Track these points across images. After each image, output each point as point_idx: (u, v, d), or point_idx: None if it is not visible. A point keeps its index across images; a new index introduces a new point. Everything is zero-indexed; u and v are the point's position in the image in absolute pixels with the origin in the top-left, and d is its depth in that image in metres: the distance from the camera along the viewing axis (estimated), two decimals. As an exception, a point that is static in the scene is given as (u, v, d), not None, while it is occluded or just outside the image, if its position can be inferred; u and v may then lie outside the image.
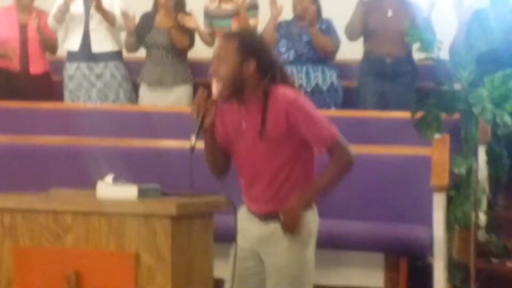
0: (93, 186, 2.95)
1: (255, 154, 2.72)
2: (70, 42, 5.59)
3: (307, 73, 5.37)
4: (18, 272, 2.77)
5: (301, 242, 2.74)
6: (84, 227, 2.73)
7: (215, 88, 2.82)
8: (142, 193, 2.81)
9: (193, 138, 2.73)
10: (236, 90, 2.70)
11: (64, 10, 5.49)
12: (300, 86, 5.19)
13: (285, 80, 2.76)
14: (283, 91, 2.70)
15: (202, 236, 2.83)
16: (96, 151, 4.36)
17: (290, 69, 5.22)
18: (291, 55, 5.36)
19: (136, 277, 2.66)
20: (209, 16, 5.61)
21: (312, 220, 2.77)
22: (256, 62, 2.68)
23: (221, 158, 2.83)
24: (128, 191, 2.81)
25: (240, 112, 2.74)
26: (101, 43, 5.56)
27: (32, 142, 4.69)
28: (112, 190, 2.83)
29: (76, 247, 2.73)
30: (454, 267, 4.25)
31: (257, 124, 2.70)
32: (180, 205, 2.69)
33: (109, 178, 2.90)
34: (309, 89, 5.32)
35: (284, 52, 5.35)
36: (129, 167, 3.63)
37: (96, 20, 5.54)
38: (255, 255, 2.79)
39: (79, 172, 3.97)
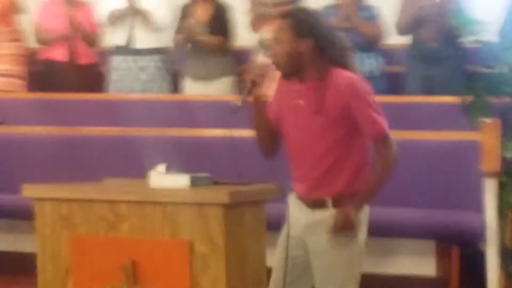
0: (142, 175, 3.04)
1: (308, 131, 2.73)
2: (116, 37, 5.73)
3: (362, 59, 5.34)
4: (75, 261, 2.87)
5: (348, 233, 2.72)
6: (139, 216, 2.82)
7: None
8: (194, 182, 2.90)
9: (237, 102, 2.73)
10: (294, 68, 2.71)
11: (119, 16, 5.63)
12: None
13: (345, 62, 2.76)
14: (345, 73, 2.72)
15: (254, 224, 2.90)
16: (144, 141, 4.43)
17: None
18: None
19: (191, 266, 2.74)
20: (254, 2, 5.62)
21: (360, 210, 2.75)
22: (312, 40, 2.69)
23: (269, 135, 2.83)
24: (181, 180, 2.90)
25: (299, 89, 2.75)
26: (145, 40, 5.70)
27: (82, 133, 4.78)
28: (165, 179, 2.92)
29: (132, 236, 2.81)
30: (507, 255, 4.21)
31: (315, 101, 2.70)
32: (232, 193, 2.76)
33: (161, 167, 2.98)
34: (366, 75, 5.32)
35: None
36: (177, 157, 3.67)
37: (140, 19, 5.66)
38: (302, 243, 2.78)
39: (129, 162, 4.06)
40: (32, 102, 5.51)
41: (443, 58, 5.41)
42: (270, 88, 2.84)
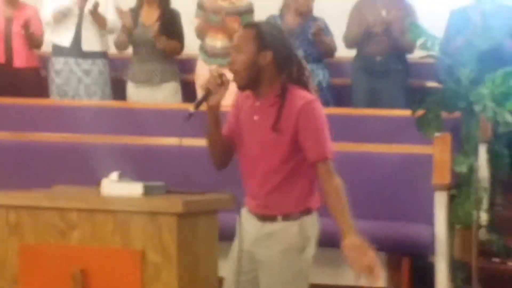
0: (94, 183, 3.00)
1: (260, 148, 2.75)
2: (61, 37, 5.65)
3: (312, 71, 5.45)
4: (23, 270, 2.82)
5: (297, 247, 2.76)
6: (90, 224, 2.78)
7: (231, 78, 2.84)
8: (147, 191, 2.87)
9: (192, 105, 2.73)
10: (251, 80, 2.72)
11: (67, 13, 5.57)
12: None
13: (303, 80, 2.78)
14: (302, 93, 2.74)
15: (207, 234, 2.89)
16: (95, 148, 4.39)
17: None
18: (299, 53, 5.43)
19: (142, 275, 2.72)
20: (203, 9, 5.64)
21: (310, 225, 2.79)
22: (272, 53, 2.70)
23: (223, 146, 2.84)
24: (133, 188, 2.87)
25: (254, 104, 2.78)
26: (91, 42, 5.66)
27: (31, 139, 4.71)
28: (117, 187, 2.89)
29: (82, 245, 2.78)
30: (456, 266, 4.29)
31: (270, 117, 2.72)
32: (186, 203, 2.75)
33: (114, 175, 2.95)
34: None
35: None
36: (128, 164, 3.66)
37: (88, 20, 5.62)
38: (252, 256, 2.80)
39: (80, 169, 4.01)
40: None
41: (388, 72, 5.50)
42: (226, 98, 2.84)
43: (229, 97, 2.85)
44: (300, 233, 2.75)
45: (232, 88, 2.82)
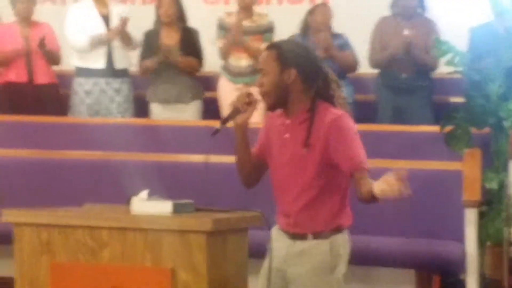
0: (123, 201, 3.03)
1: (292, 165, 2.76)
2: (92, 60, 5.72)
3: None
4: (54, 289, 2.84)
5: (328, 265, 2.76)
6: (120, 242, 2.80)
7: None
8: (176, 209, 2.89)
9: (217, 127, 2.77)
10: (279, 100, 2.74)
11: (105, 41, 5.66)
12: None
13: (331, 94, 2.79)
14: (332, 109, 2.75)
15: (237, 252, 2.90)
16: (124, 166, 4.42)
17: None
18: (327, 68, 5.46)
19: (173, 294, 2.72)
20: (224, 29, 5.67)
21: (342, 244, 2.79)
22: (296, 71, 2.72)
23: (251, 165, 2.85)
24: (163, 207, 2.89)
25: (285, 123, 2.79)
26: (121, 61, 5.75)
27: (62, 157, 4.75)
28: (147, 206, 2.91)
29: (113, 263, 2.80)
30: (487, 284, 4.27)
31: (301, 135, 2.73)
32: (215, 221, 2.77)
33: (143, 193, 2.98)
34: None
35: None
36: (157, 182, 3.68)
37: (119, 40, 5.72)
38: (283, 274, 2.80)
39: (109, 187, 4.04)
40: (4, 125, 5.47)
41: (413, 89, 5.49)
42: (254, 116, 2.86)
43: (258, 114, 2.88)
44: (331, 252, 2.75)
45: (261, 106, 2.85)
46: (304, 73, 2.74)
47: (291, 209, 2.77)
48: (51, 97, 5.85)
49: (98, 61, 5.71)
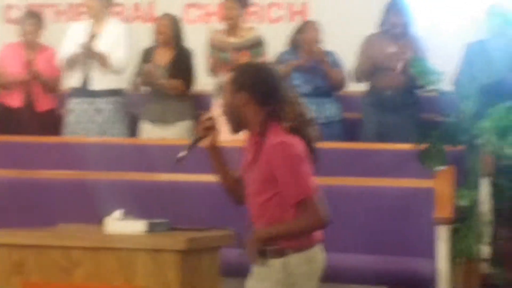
0: (98, 219, 3.04)
1: (250, 185, 2.79)
2: (73, 79, 5.71)
3: (322, 105, 5.51)
4: (27, 308, 2.85)
5: (284, 283, 2.73)
6: (93, 262, 2.82)
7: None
8: (151, 228, 2.92)
9: (181, 153, 2.78)
10: (236, 121, 2.77)
11: (75, 59, 5.63)
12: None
13: (285, 115, 2.77)
14: (279, 134, 2.74)
15: (210, 270, 2.93)
16: (101, 185, 4.39)
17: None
18: (307, 88, 5.48)
19: (146, 312, 2.74)
20: (214, 47, 5.67)
21: (296, 263, 2.75)
22: (248, 94, 2.75)
23: (234, 183, 2.86)
24: (137, 226, 2.92)
25: (249, 143, 2.82)
26: (101, 81, 5.69)
27: (36, 176, 4.74)
28: (121, 225, 2.94)
29: (86, 282, 2.81)
30: (459, 301, 4.30)
31: (253, 156, 2.76)
32: (189, 240, 2.80)
33: (118, 213, 3.00)
34: (323, 120, 5.37)
35: (300, 85, 5.44)
36: (135, 201, 3.69)
37: (96, 60, 5.67)
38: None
39: (85, 207, 4.02)
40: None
41: (398, 106, 5.51)
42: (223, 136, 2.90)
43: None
44: (283, 270, 2.73)
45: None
46: (257, 96, 2.76)
47: (255, 228, 2.78)
48: (49, 122, 5.83)
49: (75, 80, 5.70)
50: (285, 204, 2.75)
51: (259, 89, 2.77)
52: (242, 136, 2.89)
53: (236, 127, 2.80)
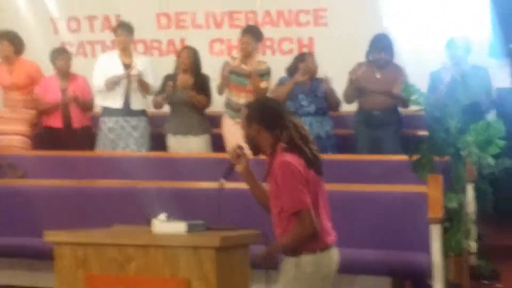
0: (146, 221, 3.02)
1: (270, 197, 2.83)
2: (112, 100, 5.73)
3: (323, 121, 5.54)
4: (88, 297, 2.83)
5: (297, 279, 2.75)
6: (144, 257, 2.79)
7: None
8: (190, 228, 2.89)
9: (222, 180, 2.88)
10: (254, 147, 2.86)
11: (117, 81, 5.66)
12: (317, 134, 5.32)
13: (289, 140, 2.81)
14: (283, 155, 2.77)
15: (241, 264, 2.89)
16: (145, 192, 4.40)
17: (309, 120, 5.42)
18: (312, 108, 5.51)
19: (188, 301, 2.70)
20: (227, 70, 5.67)
21: (307, 263, 2.76)
22: (258, 125, 2.82)
23: (263, 196, 2.89)
24: (179, 227, 2.89)
25: (266, 162, 2.87)
26: (138, 102, 5.76)
27: (93, 185, 4.74)
28: (165, 226, 2.91)
29: (138, 275, 2.78)
30: (451, 288, 4.25)
31: (267, 175, 2.83)
32: (223, 238, 2.77)
33: (162, 215, 2.97)
34: (324, 135, 5.47)
35: (306, 105, 5.51)
36: (173, 205, 3.66)
37: (134, 84, 5.72)
38: None
39: (133, 210, 4.01)
40: (46, 158, 5.48)
41: (384, 123, 5.48)
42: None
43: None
44: (296, 268, 2.75)
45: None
46: (265, 125, 2.83)
47: (275, 232, 2.82)
48: (85, 138, 5.83)
49: (116, 102, 5.72)
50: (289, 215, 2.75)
51: (266, 120, 2.84)
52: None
53: (255, 151, 2.88)
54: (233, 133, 5.37)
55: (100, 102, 5.81)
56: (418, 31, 6.21)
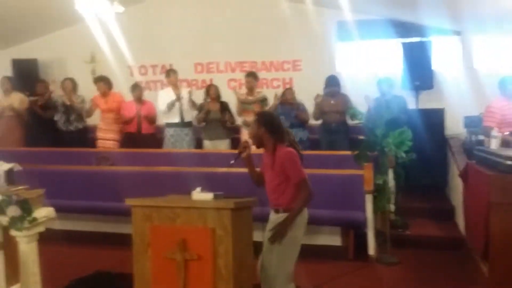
0: (188, 192, 3.01)
1: (269, 176, 2.82)
2: (172, 117, 5.71)
3: (299, 131, 5.52)
4: (152, 239, 2.81)
5: (300, 224, 2.77)
6: (186, 214, 2.78)
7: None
8: (215, 197, 2.87)
9: (232, 161, 2.83)
10: (258, 143, 2.83)
11: (174, 103, 5.66)
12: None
13: (284, 140, 2.82)
14: (284, 149, 2.79)
15: (247, 219, 2.87)
16: (189, 175, 4.41)
17: (294, 130, 5.35)
18: (288, 122, 5.52)
19: (213, 241, 2.70)
20: (240, 101, 5.71)
21: (302, 216, 2.79)
22: (264, 128, 2.80)
23: (258, 176, 2.90)
24: (208, 196, 2.88)
25: (266, 155, 2.86)
26: (188, 116, 5.73)
27: (155, 170, 4.72)
28: (200, 195, 2.90)
29: (183, 225, 2.77)
30: (378, 234, 4.24)
31: (271, 162, 2.81)
32: (236, 203, 2.74)
33: (198, 189, 2.97)
34: (304, 139, 5.49)
35: (284, 120, 5.45)
36: (206, 183, 3.65)
37: (186, 105, 5.70)
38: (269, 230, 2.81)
39: (180, 186, 4.01)
40: (126, 153, 5.47)
41: (338, 131, 5.49)
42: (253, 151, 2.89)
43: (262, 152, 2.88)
44: (300, 217, 2.75)
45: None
46: (270, 130, 2.81)
47: (271, 197, 2.82)
48: (150, 140, 5.82)
49: (175, 118, 5.72)
50: (286, 187, 2.75)
51: (271, 126, 2.80)
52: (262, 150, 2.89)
53: (259, 145, 2.85)
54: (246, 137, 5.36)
55: (164, 119, 5.81)
56: (359, 71, 6.29)
